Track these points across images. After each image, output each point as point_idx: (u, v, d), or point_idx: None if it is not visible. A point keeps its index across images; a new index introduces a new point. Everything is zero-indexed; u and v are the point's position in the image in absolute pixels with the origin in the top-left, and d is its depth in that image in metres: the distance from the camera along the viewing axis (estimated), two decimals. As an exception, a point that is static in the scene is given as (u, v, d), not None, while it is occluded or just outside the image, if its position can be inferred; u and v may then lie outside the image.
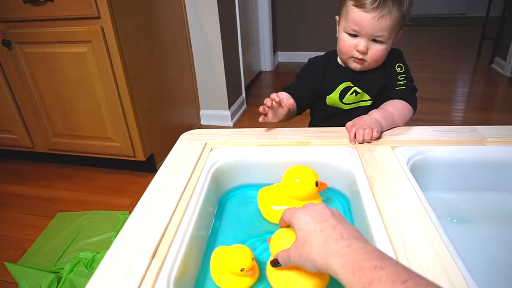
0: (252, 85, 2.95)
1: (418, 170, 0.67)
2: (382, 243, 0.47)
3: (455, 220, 0.64)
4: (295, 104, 0.86)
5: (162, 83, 1.82)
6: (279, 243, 0.48)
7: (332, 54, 0.93)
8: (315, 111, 1.01)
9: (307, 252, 0.40)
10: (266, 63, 3.31)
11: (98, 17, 1.39)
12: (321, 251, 0.38)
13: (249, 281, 0.51)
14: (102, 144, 1.67)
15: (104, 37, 1.41)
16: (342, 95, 0.90)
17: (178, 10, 1.94)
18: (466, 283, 0.41)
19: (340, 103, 0.91)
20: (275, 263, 0.47)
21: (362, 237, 0.39)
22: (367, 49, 0.80)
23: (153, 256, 0.48)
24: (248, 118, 2.40)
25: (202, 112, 2.26)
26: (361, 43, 0.79)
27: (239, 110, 2.40)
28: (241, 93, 2.45)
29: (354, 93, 0.89)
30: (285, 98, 0.79)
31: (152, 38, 1.70)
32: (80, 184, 1.75)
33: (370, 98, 0.90)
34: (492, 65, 3.18)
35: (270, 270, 0.49)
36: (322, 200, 0.64)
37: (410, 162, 0.67)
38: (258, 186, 0.73)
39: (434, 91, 2.73)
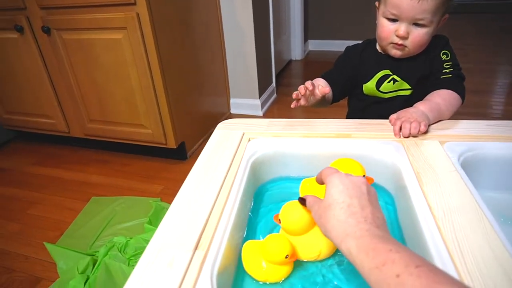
0: (282, 74, 2.91)
1: (469, 167, 0.63)
2: (435, 246, 0.44)
3: (509, 222, 0.60)
4: (331, 91, 0.83)
5: (194, 71, 1.82)
6: (290, 213, 0.51)
7: (371, 41, 0.89)
8: (352, 100, 0.98)
9: (326, 219, 0.40)
10: (296, 52, 3.25)
11: (134, 4, 1.39)
12: (339, 226, 0.38)
13: (289, 268, 0.50)
14: (135, 130, 1.69)
15: (139, 23, 1.41)
16: (379, 83, 0.86)
17: (211, -3, 1.92)
18: (533, 293, 0.37)
19: (377, 91, 0.87)
20: (302, 201, 0.49)
21: (385, 227, 0.39)
22: (408, 33, 0.76)
23: (196, 248, 0.47)
24: (278, 108, 2.37)
25: (232, 100, 2.25)
26: (401, 27, 0.75)
27: (269, 100, 2.37)
28: (272, 82, 2.42)
29: (392, 81, 0.85)
30: (321, 86, 0.76)
31: (186, 25, 1.70)
32: (114, 170, 1.80)
33: (409, 87, 0.85)
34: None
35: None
36: None
37: (461, 158, 0.63)
38: (296, 179, 0.71)
39: (472, 82, 2.59)
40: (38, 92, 1.79)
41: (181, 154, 1.73)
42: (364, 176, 0.56)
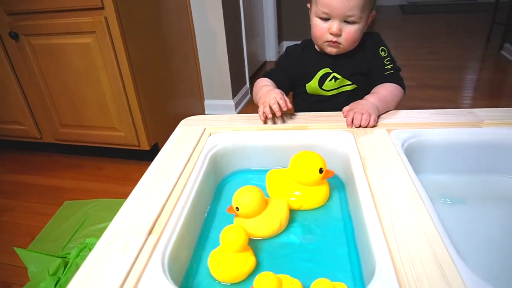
0: (256, 75, 2.95)
1: (413, 153, 0.68)
2: (371, 221, 0.48)
3: (448, 201, 0.65)
4: None
5: (166, 74, 1.83)
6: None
7: (309, 41, 0.92)
8: (296, 100, 1.00)
9: None
10: (271, 53, 3.30)
11: (102, 8, 1.40)
12: None
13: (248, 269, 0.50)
14: (108, 134, 1.70)
15: (108, 27, 1.43)
16: (321, 81, 0.90)
17: (181, 0, 1.94)
18: (452, 261, 0.41)
19: (321, 90, 0.91)
20: None
21: None
22: (340, 30, 0.80)
23: (149, 233, 0.49)
24: (252, 108, 2.41)
25: (206, 102, 2.27)
26: (333, 25, 0.79)
27: (243, 100, 2.41)
28: (245, 83, 2.46)
29: (334, 79, 0.89)
30: (282, 103, 0.75)
31: (156, 28, 1.71)
32: (88, 174, 1.79)
33: (351, 83, 0.90)
34: (502, 52, 3.12)
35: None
36: (329, 186, 0.65)
37: (405, 145, 0.67)
38: (257, 171, 0.74)
39: (441, 78, 2.70)
40: (7, 99, 1.77)
41: (154, 155, 1.73)
42: (321, 169, 0.59)
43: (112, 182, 1.70)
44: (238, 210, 0.56)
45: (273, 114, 0.76)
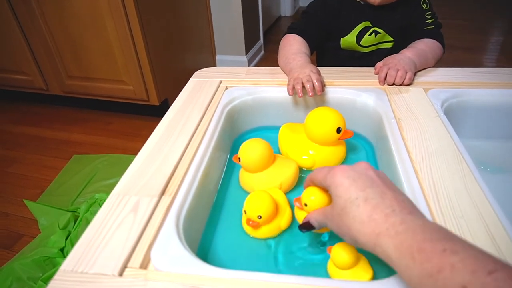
0: (270, 30, 2.81)
1: (452, 114, 0.61)
2: (411, 188, 0.43)
3: (488, 169, 0.59)
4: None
5: (177, 26, 1.73)
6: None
7: None
8: (326, 57, 0.90)
9: (346, 226, 0.32)
10: (286, 8, 3.12)
11: None
12: (365, 228, 0.30)
13: (268, 229, 0.47)
14: (116, 87, 1.63)
15: (114, -30, 1.31)
16: (359, 36, 0.80)
17: None
18: (506, 232, 0.36)
19: (357, 45, 0.81)
20: (306, 227, 0.40)
21: (418, 211, 0.31)
22: None
23: (162, 193, 0.45)
24: (265, 65, 2.30)
25: (218, 57, 2.17)
26: None
27: (257, 56, 2.30)
28: (259, 39, 2.33)
29: (374, 34, 0.79)
30: (317, 83, 0.62)
31: (166, -26, 1.59)
32: (96, 128, 1.75)
33: (392, 39, 0.80)
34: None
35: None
36: (346, 147, 0.59)
37: (445, 105, 0.60)
38: (276, 128, 0.68)
39: (466, 39, 2.54)
40: (11, 47, 1.70)
41: (164, 111, 1.67)
42: (339, 128, 0.53)
43: (121, 138, 1.66)
44: (240, 161, 0.52)
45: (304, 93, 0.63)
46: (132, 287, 0.34)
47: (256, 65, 2.26)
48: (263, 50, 2.39)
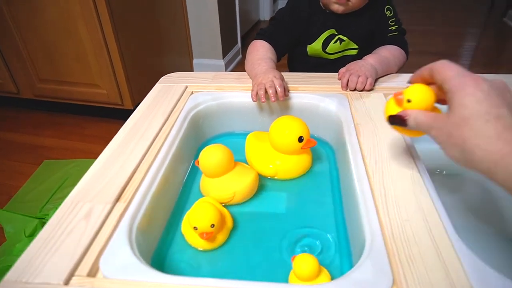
0: (249, 34, 2.82)
1: (410, 120, 0.63)
2: (362, 192, 0.44)
3: (444, 172, 0.61)
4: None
5: (152, 30, 1.72)
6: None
7: None
8: (294, 63, 0.92)
9: (462, 138, 0.31)
10: (265, 12, 3.14)
11: (78, -50, 1.27)
12: (489, 145, 0.29)
13: (221, 237, 0.47)
14: (89, 91, 1.61)
15: (85, -27, 1.30)
16: (325, 44, 0.82)
17: None
18: (449, 238, 0.37)
19: (323, 53, 0.83)
20: (398, 120, 0.38)
21: None
22: None
23: (117, 200, 0.45)
24: (243, 69, 2.31)
25: (195, 61, 2.16)
26: None
27: (234, 60, 2.31)
28: (237, 42, 2.34)
29: (339, 41, 0.81)
30: (279, 89, 0.62)
31: (140, -23, 1.58)
32: (69, 133, 1.72)
33: (356, 47, 0.82)
34: (505, 19, 3.02)
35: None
36: (312, 155, 0.60)
37: (403, 111, 0.62)
38: (242, 134, 0.69)
39: (438, 44, 2.62)
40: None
41: (140, 116, 1.67)
42: (300, 137, 0.54)
43: (94, 142, 1.63)
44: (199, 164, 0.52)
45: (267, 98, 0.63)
46: (77, 296, 0.34)
47: (233, 69, 2.27)
48: (240, 54, 2.40)
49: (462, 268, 0.34)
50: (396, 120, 0.39)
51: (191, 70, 2.18)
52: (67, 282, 0.35)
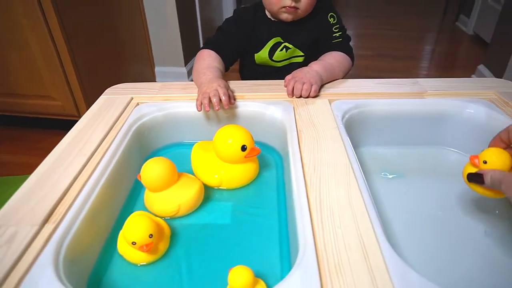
0: (213, 41, 2.81)
1: (355, 125, 0.64)
2: (299, 199, 0.44)
3: (388, 175, 0.62)
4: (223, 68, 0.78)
5: (110, 38, 1.67)
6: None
7: (260, 6, 0.82)
8: (244, 71, 0.93)
9: None
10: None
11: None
12: None
13: (161, 246, 0.46)
14: (43, 103, 1.54)
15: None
16: (271, 52, 0.83)
17: (124, -46, 1.76)
18: (378, 245, 0.38)
19: (270, 60, 0.84)
20: (476, 178, 0.43)
21: None
22: None
23: (45, 221, 0.42)
24: (207, 76, 2.29)
25: (157, 69, 2.13)
26: None
27: (198, 68, 2.29)
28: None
29: (285, 49, 0.82)
30: (224, 97, 0.62)
31: (94, -15, 1.54)
32: (24, 147, 1.64)
33: (302, 54, 0.84)
34: (457, 23, 3.17)
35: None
36: (258, 163, 0.60)
37: (346, 116, 0.63)
38: (190, 144, 0.68)
39: (398, 48, 2.71)
40: None
41: (99, 127, 1.62)
42: (244, 146, 0.53)
43: (50, 156, 1.56)
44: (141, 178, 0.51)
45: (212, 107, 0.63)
46: (-11, 330, 0.31)
47: (197, 76, 2.25)
48: (204, 61, 2.38)
49: (387, 274, 0.35)
50: (474, 178, 0.44)
51: (153, 78, 2.14)
52: (-20, 315, 0.33)
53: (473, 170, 0.45)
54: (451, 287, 0.43)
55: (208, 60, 0.74)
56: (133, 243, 0.43)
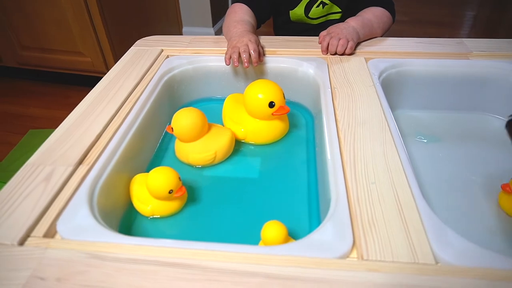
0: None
1: (392, 85, 0.61)
2: (332, 155, 0.43)
3: (424, 139, 0.60)
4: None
5: (138, -6, 1.65)
6: None
7: None
8: (278, 31, 0.89)
9: None
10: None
11: None
12: None
13: (178, 204, 0.46)
14: (73, 59, 1.56)
15: None
16: (307, 8, 0.79)
17: None
18: (414, 202, 0.36)
19: (306, 18, 0.80)
20: None
21: None
22: None
23: (80, 163, 0.43)
24: (234, 39, 2.25)
25: (184, 29, 2.10)
26: None
27: (225, 29, 2.24)
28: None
29: (321, 5, 0.78)
30: (254, 53, 0.60)
31: None
32: (54, 102, 1.68)
33: (340, 10, 0.79)
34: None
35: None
36: (288, 122, 0.58)
37: (383, 75, 0.60)
38: (220, 100, 0.67)
39: (437, 14, 2.55)
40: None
41: (126, 85, 1.63)
42: (271, 102, 0.51)
43: (80, 112, 1.60)
44: (173, 130, 0.51)
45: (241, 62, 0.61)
46: (30, 256, 0.33)
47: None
48: (232, 23, 2.33)
49: (423, 230, 0.34)
50: None
51: (180, 38, 2.11)
52: (22, 242, 0.34)
53: (507, 197, 0.46)
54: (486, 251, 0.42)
55: (240, 14, 0.72)
56: (170, 192, 0.43)
